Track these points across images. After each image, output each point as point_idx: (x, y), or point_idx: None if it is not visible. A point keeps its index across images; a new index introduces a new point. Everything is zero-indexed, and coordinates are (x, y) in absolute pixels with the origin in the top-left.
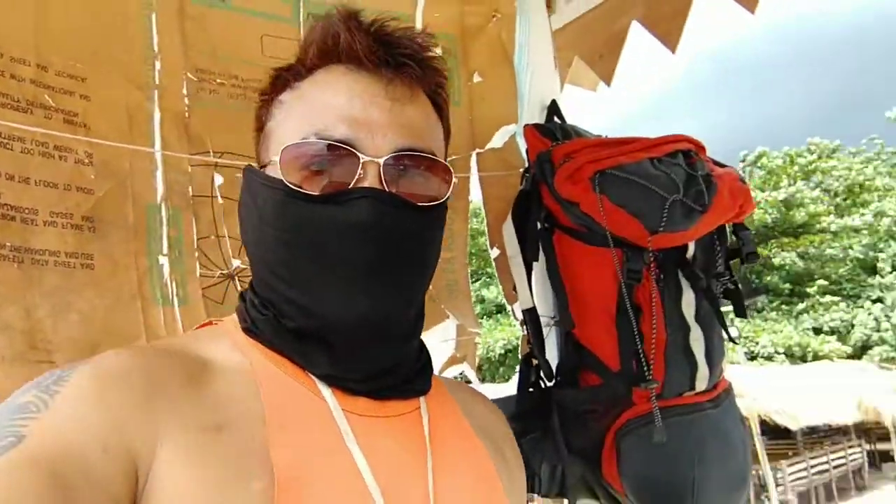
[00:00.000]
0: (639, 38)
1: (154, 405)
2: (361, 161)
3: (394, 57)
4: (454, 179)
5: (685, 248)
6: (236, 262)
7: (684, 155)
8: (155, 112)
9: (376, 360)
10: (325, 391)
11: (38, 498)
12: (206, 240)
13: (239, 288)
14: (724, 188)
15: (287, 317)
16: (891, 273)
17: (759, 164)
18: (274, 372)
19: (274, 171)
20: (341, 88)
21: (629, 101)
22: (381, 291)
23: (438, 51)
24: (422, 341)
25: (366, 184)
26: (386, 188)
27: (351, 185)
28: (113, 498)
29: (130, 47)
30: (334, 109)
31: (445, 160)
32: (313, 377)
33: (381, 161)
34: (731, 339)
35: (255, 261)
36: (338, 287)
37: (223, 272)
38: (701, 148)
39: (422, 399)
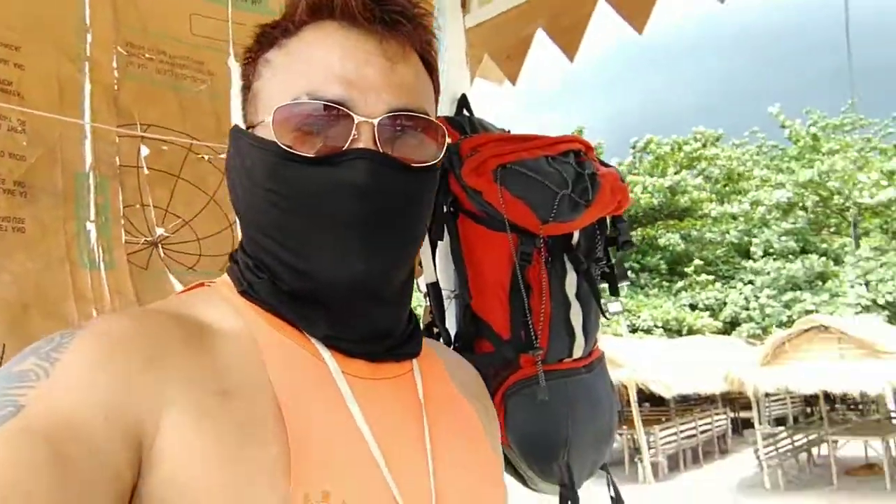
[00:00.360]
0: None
1: (158, 370)
2: (356, 122)
3: (386, 13)
4: (447, 140)
5: (571, 235)
6: (160, 231)
7: (575, 154)
8: (86, 84)
9: (372, 322)
10: (325, 354)
11: (34, 470)
12: (131, 208)
13: (162, 255)
14: (606, 186)
15: (282, 279)
16: (762, 258)
17: (647, 150)
18: (273, 335)
19: (265, 132)
20: (333, 46)
21: (535, 93)
22: (375, 253)
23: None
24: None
25: (360, 145)
26: (380, 149)
27: (345, 147)
28: (114, 467)
29: (64, 19)
30: (327, 68)
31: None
32: (312, 340)
33: (376, 122)
34: (604, 315)
35: (246, 223)
36: (332, 248)
37: (147, 239)
38: (590, 148)
39: (414, 361)
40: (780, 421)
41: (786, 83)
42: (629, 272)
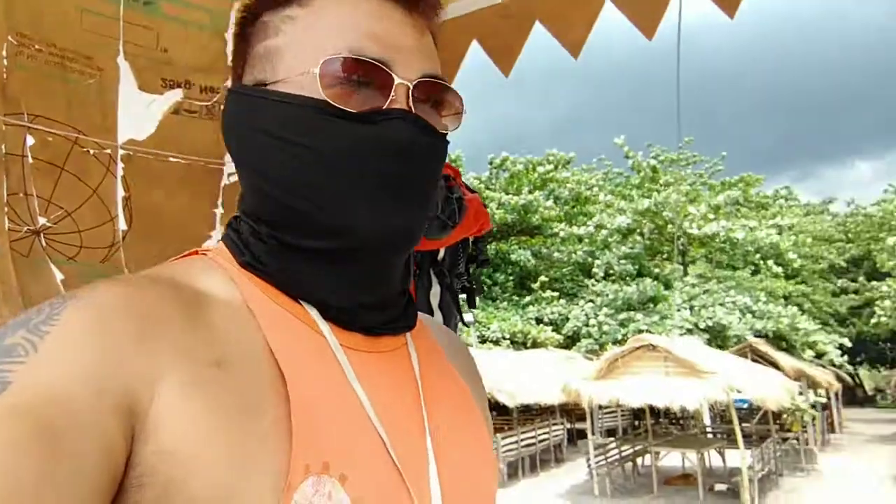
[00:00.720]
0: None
1: (151, 340)
2: (395, 82)
3: None
4: (465, 111)
5: (437, 252)
6: (42, 220)
7: (445, 179)
8: None
9: (391, 282)
10: (324, 327)
11: (22, 449)
12: (15, 196)
13: (44, 244)
14: (471, 210)
15: (305, 241)
16: (603, 278)
17: (503, 167)
18: (271, 305)
19: (293, 88)
20: (368, 9)
21: None
22: (407, 210)
23: None
24: None
25: (397, 105)
26: (413, 111)
27: (385, 106)
28: (106, 439)
29: None
30: (365, 28)
31: None
32: (310, 311)
33: (412, 84)
34: (465, 324)
35: (262, 185)
36: (370, 203)
37: (29, 228)
38: (458, 174)
39: (408, 335)
40: (611, 432)
41: (629, 118)
42: (483, 286)
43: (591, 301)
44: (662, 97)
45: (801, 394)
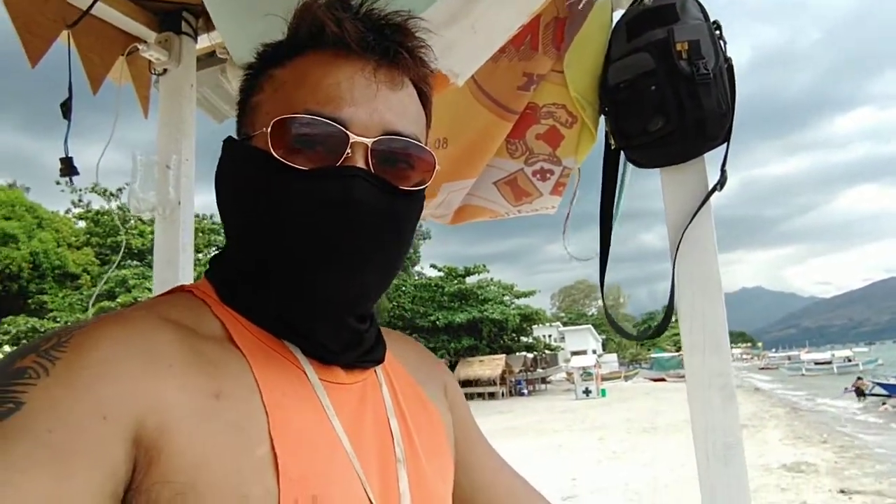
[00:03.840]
0: None
1: (156, 371)
2: (351, 140)
3: (384, 44)
4: (437, 167)
5: None
6: None
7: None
8: None
9: (351, 333)
10: (305, 364)
11: (32, 470)
12: None
13: None
14: None
15: (268, 288)
16: None
17: None
18: (255, 342)
19: (261, 144)
20: (333, 69)
21: None
22: (361, 270)
23: (425, 38)
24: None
25: (353, 163)
26: (372, 170)
27: (339, 164)
28: (111, 465)
29: None
30: (326, 88)
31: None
32: (291, 348)
33: (370, 142)
34: None
35: (234, 231)
36: (321, 263)
37: None
38: None
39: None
40: None
41: None
42: None
43: None
44: None
45: None
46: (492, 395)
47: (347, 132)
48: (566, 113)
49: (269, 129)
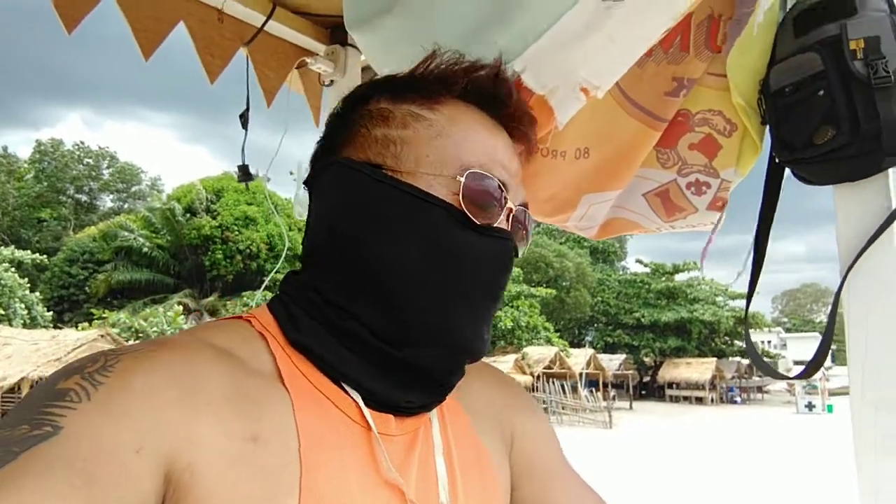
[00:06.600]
0: None
1: (196, 408)
2: (507, 205)
3: (521, 117)
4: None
5: None
6: None
7: None
8: None
9: (454, 381)
10: (367, 414)
11: (65, 497)
12: None
13: None
14: None
15: (378, 326)
16: None
17: None
18: (307, 386)
19: (423, 184)
20: (496, 132)
21: None
22: (486, 324)
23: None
24: None
25: (503, 227)
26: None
27: (496, 224)
28: (141, 498)
29: None
30: (491, 150)
31: None
32: (355, 398)
33: (515, 208)
34: None
35: (342, 262)
36: (468, 313)
37: None
38: None
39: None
40: None
41: None
42: None
43: None
44: None
45: None
46: (699, 400)
47: (507, 196)
48: (723, 120)
49: (463, 179)
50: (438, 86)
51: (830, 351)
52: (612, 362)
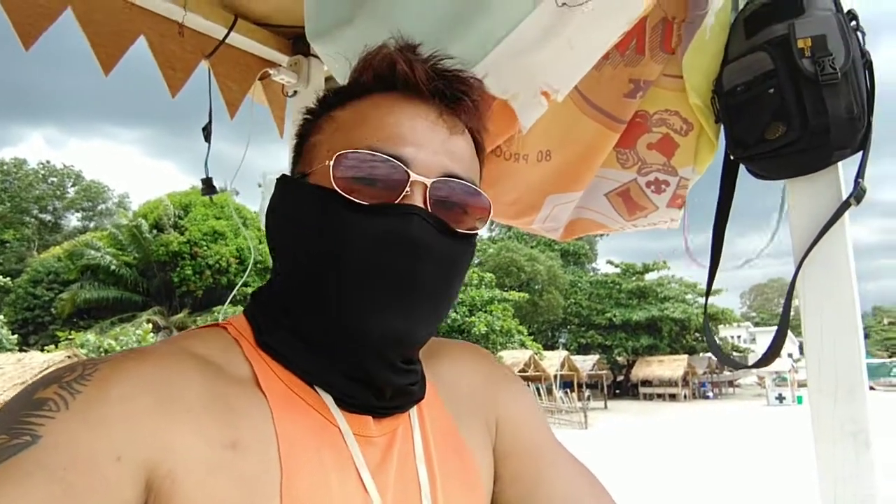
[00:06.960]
0: None
1: (173, 416)
2: (411, 179)
3: (450, 89)
4: (491, 212)
5: None
6: None
7: None
8: None
9: (396, 379)
10: (339, 417)
11: None
12: None
13: None
14: None
15: (312, 329)
16: None
17: None
18: (282, 389)
19: (320, 179)
20: (396, 110)
21: None
22: (414, 310)
23: (485, 96)
24: None
25: (411, 201)
26: (429, 209)
27: (397, 201)
28: None
29: None
30: (389, 127)
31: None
32: (323, 397)
33: (430, 182)
34: None
35: (284, 269)
36: (373, 300)
37: None
38: None
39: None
40: None
41: None
42: None
43: None
44: None
45: None
46: (672, 397)
47: (408, 170)
48: (680, 119)
49: (331, 162)
50: (352, 86)
51: (799, 343)
52: (586, 363)
